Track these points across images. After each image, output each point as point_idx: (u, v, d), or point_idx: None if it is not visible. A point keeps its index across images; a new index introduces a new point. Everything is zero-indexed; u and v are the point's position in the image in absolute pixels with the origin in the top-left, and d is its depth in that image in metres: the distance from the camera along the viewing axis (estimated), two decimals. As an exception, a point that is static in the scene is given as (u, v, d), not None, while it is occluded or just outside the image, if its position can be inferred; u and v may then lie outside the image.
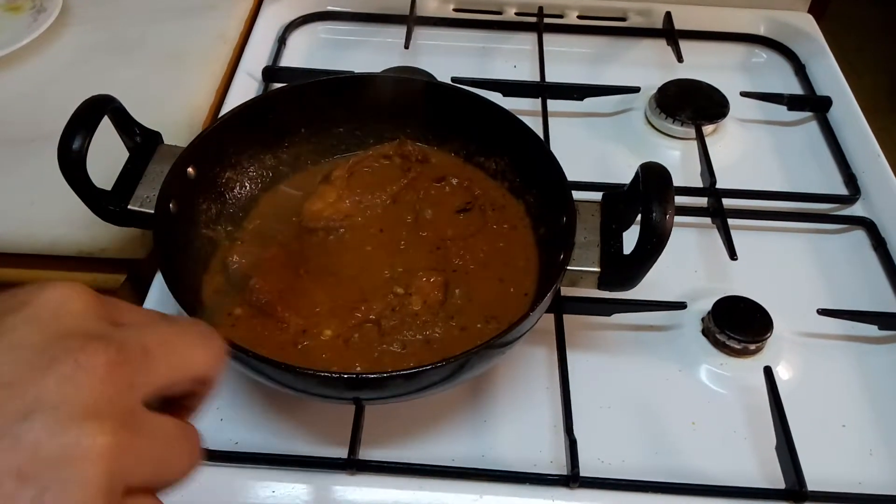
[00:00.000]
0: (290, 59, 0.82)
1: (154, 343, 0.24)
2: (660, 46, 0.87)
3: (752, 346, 0.56)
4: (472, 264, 0.56)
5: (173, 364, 0.24)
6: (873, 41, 2.24)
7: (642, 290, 0.52)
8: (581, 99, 0.77)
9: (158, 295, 0.58)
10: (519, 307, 0.52)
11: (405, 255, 0.56)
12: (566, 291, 0.56)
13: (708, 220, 0.66)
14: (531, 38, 0.86)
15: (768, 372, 0.54)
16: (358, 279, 0.54)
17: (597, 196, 0.54)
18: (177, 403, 0.26)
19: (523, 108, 0.75)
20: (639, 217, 0.47)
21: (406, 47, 0.82)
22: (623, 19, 0.90)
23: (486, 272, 0.55)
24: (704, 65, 0.82)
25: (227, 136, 0.58)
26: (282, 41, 0.83)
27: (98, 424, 0.21)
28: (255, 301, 0.52)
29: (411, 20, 0.85)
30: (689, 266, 0.63)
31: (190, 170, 0.55)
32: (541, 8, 0.89)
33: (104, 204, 0.53)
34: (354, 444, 0.49)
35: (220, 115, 0.68)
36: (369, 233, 0.58)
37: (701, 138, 0.72)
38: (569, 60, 0.84)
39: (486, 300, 0.53)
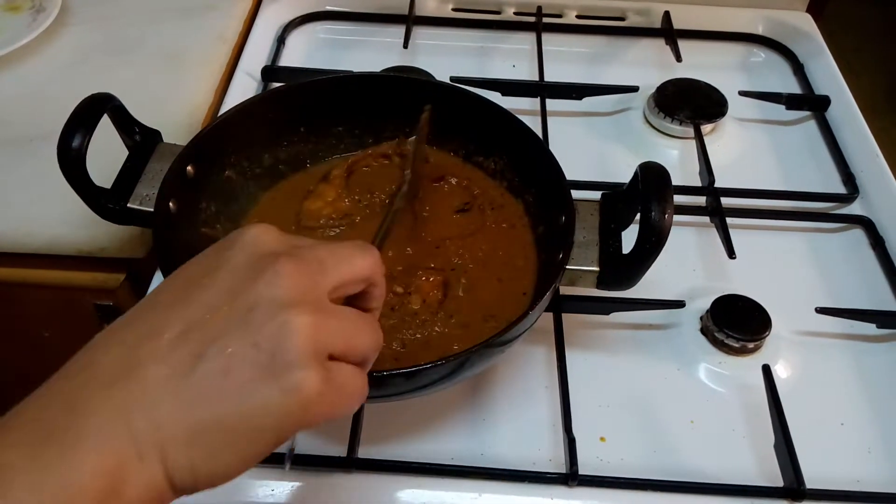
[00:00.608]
0: (289, 59, 0.83)
1: (324, 254, 0.32)
2: (658, 46, 0.87)
3: (751, 345, 0.56)
4: (471, 263, 0.56)
5: (342, 268, 0.32)
6: (871, 41, 2.25)
7: (641, 289, 0.52)
8: (580, 98, 0.77)
9: (158, 294, 0.58)
10: (518, 306, 0.52)
11: (404, 255, 0.56)
12: (565, 290, 0.56)
13: (706, 219, 0.66)
14: (530, 37, 0.86)
15: (767, 370, 0.54)
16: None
17: (596, 195, 0.54)
18: (357, 303, 0.34)
19: (522, 107, 0.75)
20: (638, 216, 0.48)
21: (405, 47, 0.82)
22: (622, 19, 0.90)
23: (486, 271, 0.55)
24: (703, 64, 0.83)
25: (227, 134, 0.58)
26: (281, 41, 0.84)
27: (298, 308, 0.29)
28: None
29: (410, 20, 0.85)
30: (687, 265, 0.64)
31: (189, 168, 0.55)
32: (539, 7, 0.89)
33: (104, 202, 0.53)
34: (354, 443, 0.49)
35: (220, 114, 0.68)
36: (369, 232, 0.58)
37: (699, 137, 0.72)
38: (567, 60, 0.84)
39: (485, 299, 0.54)
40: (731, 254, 0.61)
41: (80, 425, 0.27)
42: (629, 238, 0.49)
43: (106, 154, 0.53)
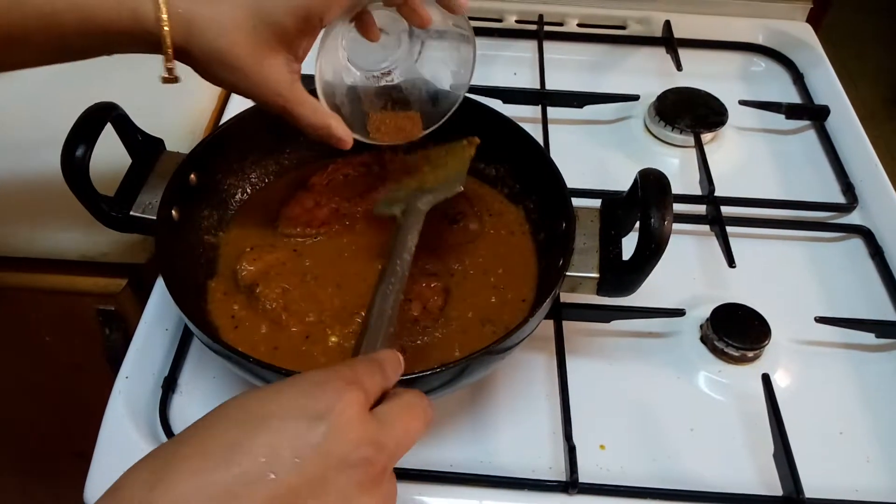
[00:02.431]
0: (291, 66, 0.83)
1: (402, 431, 0.33)
2: (659, 55, 0.87)
3: (750, 354, 0.56)
4: (471, 270, 0.56)
5: (414, 438, 0.34)
6: (870, 51, 2.26)
7: (641, 297, 0.53)
8: (581, 106, 0.77)
9: (159, 300, 0.58)
10: (517, 313, 0.53)
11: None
12: (565, 297, 0.56)
13: (706, 227, 0.66)
14: (531, 45, 0.86)
15: (766, 379, 0.54)
16: (360, 285, 0.54)
17: (596, 203, 0.54)
18: None
19: (523, 115, 0.76)
20: (638, 223, 0.48)
21: (407, 54, 0.82)
22: (622, 27, 0.91)
23: (485, 278, 0.56)
24: (703, 73, 0.83)
25: (229, 142, 0.58)
26: (283, 48, 0.84)
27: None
28: (260, 308, 0.52)
29: (412, 28, 0.85)
30: (687, 273, 0.64)
31: (192, 176, 0.55)
32: (541, 16, 0.89)
33: (107, 210, 0.53)
34: (354, 450, 0.49)
35: (222, 121, 0.68)
36: (346, 243, 0.58)
37: (700, 146, 0.72)
38: (569, 68, 0.85)
39: (485, 306, 0.54)
40: (730, 262, 0.61)
41: None
42: (629, 245, 0.49)
43: (109, 161, 0.53)
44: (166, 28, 0.42)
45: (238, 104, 0.74)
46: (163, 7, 0.42)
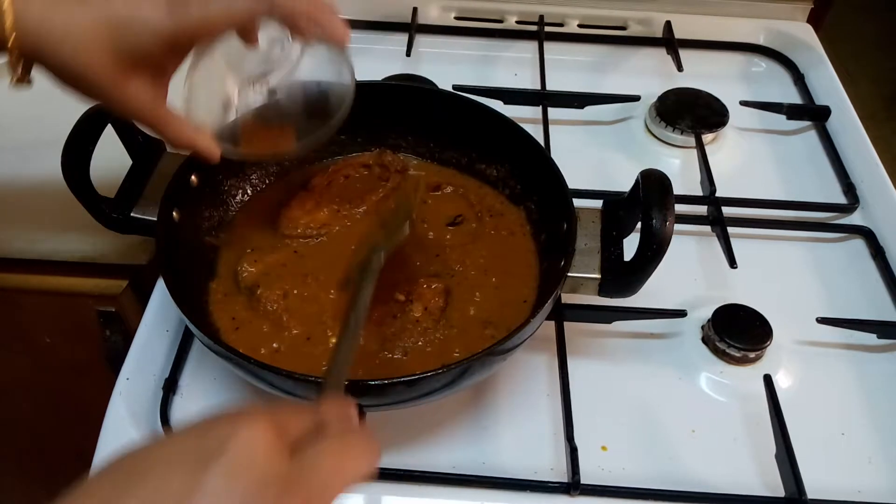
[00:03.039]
0: (292, 67, 0.83)
1: (329, 472, 0.28)
2: (660, 55, 0.87)
3: (752, 355, 0.56)
4: (473, 270, 0.56)
5: (346, 483, 0.28)
6: (870, 51, 2.26)
7: (642, 298, 0.52)
8: (581, 107, 0.77)
9: (160, 301, 0.58)
10: (518, 314, 0.53)
11: (406, 262, 0.56)
12: (567, 298, 0.56)
13: (708, 228, 0.66)
14: (532, 46, 0.86)
15: (768, 380, 0.54)
16: None
17: (597, 203, 0.54)
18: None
19: (524, 115, 0.76)
20: (639, 224, 0.48)
21: (408, 55, 0.82)
22: (623, 28, 0.91)
23: (486, 279, 0.55)
24: (704, 74, 0.83)
25: (230, 143, 0.58)
26: (284, 49, 0.84)
27: None
28: (261, 310, 0.52)
29: (413, 28, 0.86)
30: (689, 274, 0.64)
31: (193, 177, 0.55)
32: (541, 17, 0.89)
33: (107, 211, 0.53)
34: (355, 451, 0.49)
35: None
36: (346, 243, 0.58)
37: (701, 147, 0.72)
38: (569, 69, 0.85)
39: (486, 307, 0.54)
40: (732, 263, 0.61)
41: None
42: (631, 246, 0.49)
43: (110, 163, 0.53)
44: (13, 35, 0.39)
45: (239, 105, 0.74)
46: (8, 12, 0.38)
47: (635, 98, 0.78)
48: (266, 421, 0.27)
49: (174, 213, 0.53)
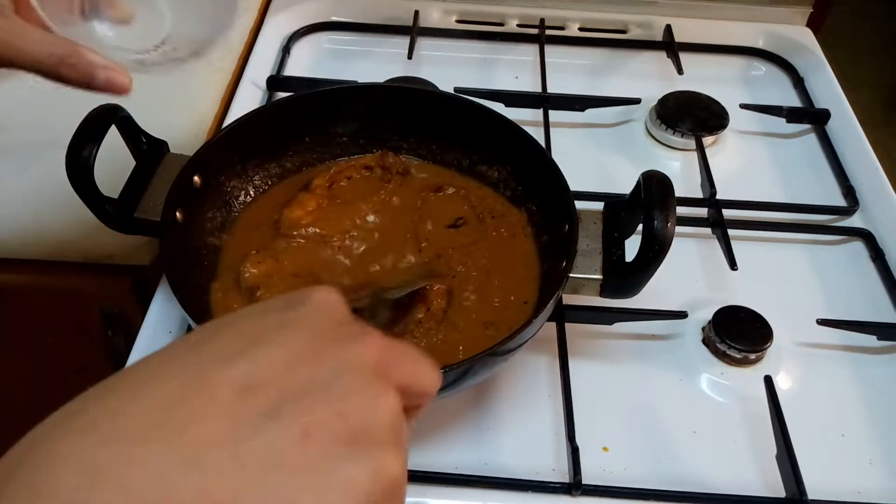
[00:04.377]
0: (294, 69, 0.83)
1: (404, 349, 0.28)
2: (660, 58, 0.87)
3: (753, 356, 0.56)
4: (474, 272, 0.56)
5: (414, 371, 0.28)
6: (870, 54, 2.26)
7: (643, 300, 0.53)
8: (582, 110, 0.77)
9: (163, 302, 0.59)
10: (519, 315, 0.53)
11: (407, 263, 0.56)
12: (568, 299, 0.56)
13: (708, 230, 0.67)
14: (533, 49, 0.87)
15: (768, 381, 0.54)
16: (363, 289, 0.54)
17: (598, 205, 0.54)
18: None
19: (525, 118, 0.76)
20: (640, 226, 0.48)
21: (409, 58, 0.83)
22: (624, 31, 0.91)
23: (487, 280, 0.56)
24: (704, 77, 0.83)
25: (233, 144, 0.58)
26: (286, 51, 0.84)
27: (388, 387, 0.26)
28: None
29: (414, 31, 0.86)
30: (689, 276, 0.64)
31: (196, 178, 0.55)
32: (542, 20, 0.90)
33: (111, 212, 0.53)
34: (357, 451, 0.49)
35: (226, 124, 0.68)
36: (371, 243, 0.58)
37: (701, 149, 0.73)
38: (570, 72, 0.85)
39: (487, 308, 0.54)
40: (732, 265, 0.61)
41: (101, 498, 0.20)
42: (632, 248, 0.49)
43: (113, 163, 0.53)
44: None
45: (242, 106, 0.75)
46: None
47: (636, 101, 0.78)
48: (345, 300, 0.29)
49: (177, 214, 0.53)
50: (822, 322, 0.59)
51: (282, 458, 0.22)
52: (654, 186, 0.48)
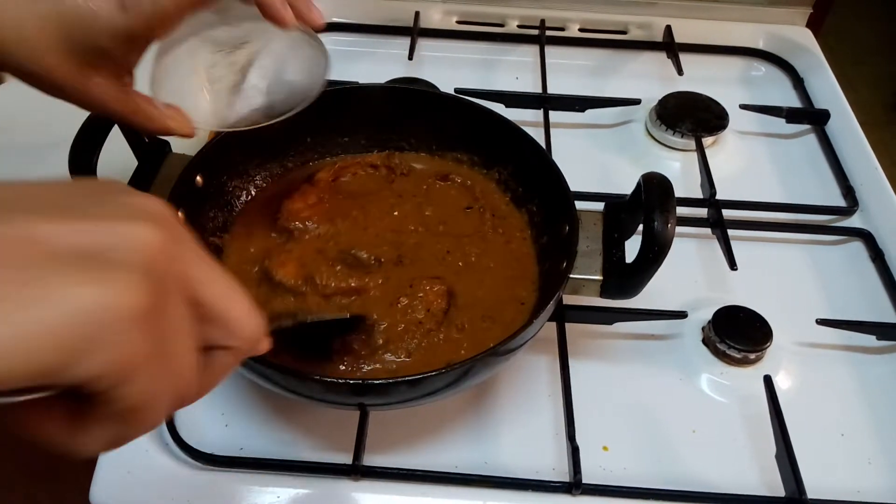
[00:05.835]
0: (295, 70, 0.83)
1: (210, 263, 0.25)
2: (660, 59, 0.88)
3: (752, 356, 0.56)
4: (473, 272, 0.56)
5: (216, 289, 0.25)
6: (870, 55, 2.27)
7: (643, 300, 0.53)
8: (582, 110, 0.78)
9: (164, 301, 0.59)
10: (517, 315, 0.53)
11: (407, 263, 0.57)
12: (568, 300, 0.56)
13: (708, 230, 0.67)
14: (533, 50, 0.87)
15: (768, 381, 0.54)
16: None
17: (598, 206, 0.55)
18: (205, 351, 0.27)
19: (525, 119, 0.76)
20: (640, 226, 0.48)
21: (410, 59, 0.83)
22: (624, 32, 0.91)
23: (487, 281, 0.56)
24: (704, 78, 0.84)
25: (235, 144, 0.58)
26: (287, 52, 0.84)
27: (156, 229, 0.23)
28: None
29: (415, 32, 0.86)
30: (689, 276, 0.64)
31: (198, 178, 0.56)
32: (543, 21, 0.90)
33: (113, 211, 0.53)
34: (359, 451, 0.49)
35: (227, 124, 0.68)
36: (371, 238, 0.58)
37: (701, 150, 0.73)
38: (570, 72, 0.85)
39: (487, 307, 0.54)
40: (732, 265, 0.61)
41: None
42: (632, 249, 0.50)
43: (115, 163, 0.53)
44: None
45: (242, 107, 0.75)
46: None
47: (636, 101, 0.78)
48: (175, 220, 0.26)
49: (179, 214, 0.53)
50: (822, 322, 0.59)
51: None
52: (655, 188, 0.48)
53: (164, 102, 0.46)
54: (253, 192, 0.61)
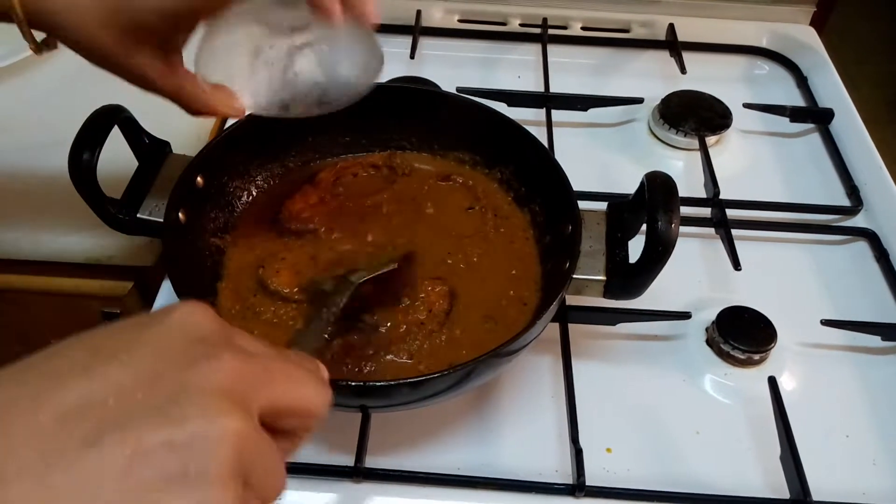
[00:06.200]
0: (296, 69, 0.83)
1: (275, 367, 0.26)
2: (663, 58, 0.87)
3: (756, 357, 0.56)
4: (475, 272, 0.56)
5: (290, 390, 0.27)
6: (873, 54, 2.26)
7: (647, 300, 0.52)
8: (585, 109, 0.77)
9: (165, 302, 0.59)
10: (520, 315, 0.53)
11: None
12: (571, 300, 0.56)
13: (712, 230, 0.66)
14: (535, 48, 0.87)
15: (772, 382, 0.54)
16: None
17: (601, 206, 0.54)
18: (280, 435, 0.28)
19: (528, 118, 0.76)
20: (644, 226, 0.48)
21: (412, 57, 0.82)
22: (626, 31, 0.91)
23: (489, 282, 0.55)
24: (707, 76, 0.83)
25: (235, 145, 0.58)
26: (288, 51, 0.84)
27: (233, 413, 0.24)
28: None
29: (417, 31, 0.86)
30: (693, 276, 0.64)
31: (199, 179, 0.55)
32: (545, 19, 0.89)
33: (114, 213, 0.53)
34: (361, 452, 0.49)
35: (228, 124, 0.68)
36: (375, 238, 0.58)
37: (704, 149, 0.72)
38: (573, 71, 0.85)
39: (489, 308, 0.54)
40: (736, 265, 0.61)
41: None
42: (635, 248, 0.49)
43: (116, 164, 0.53)
44: (18, 5, 0.40)
45: (243, 107, 0.75)
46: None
47: (639, 100, 0.78)
48: (209, 308, 0.27)
49: (180, 215, 0.53)
50: (826, 322, 0.58)
51: (98, 492, 0.21)
52: (659, 188, 0.48)
53: (211, 83, 0.46)
54: (254, 193, 0.61)
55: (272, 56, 0.49)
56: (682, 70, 0.82)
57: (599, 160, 0.75)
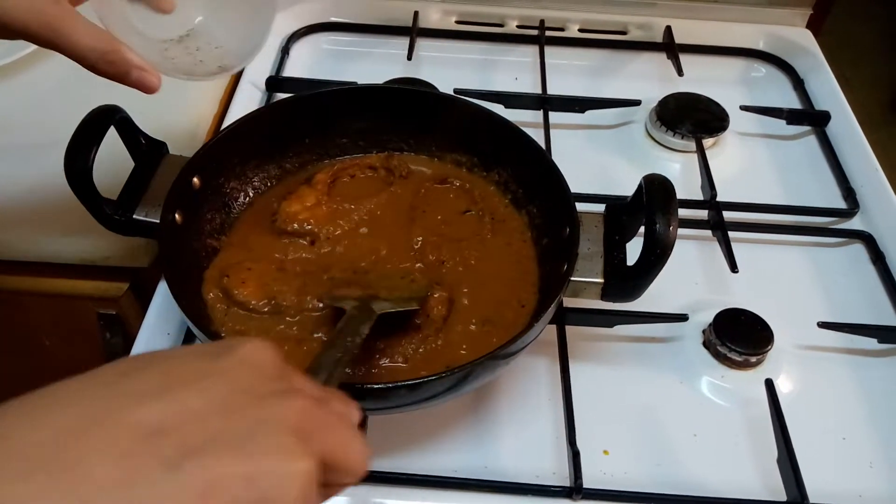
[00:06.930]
0: (293, 70, 0.83)
1: (332, 417, 0.27)
2: (660, 60, 0.87)
3: (753, 359, 0.56)
4: (474, 276, 0.56)
5: (339, 446, 0.27)
6: (870, 56, 2.27)
7: (644, 302, 0.52)
8: (582, 111, 0.77)
9: (161, 303, 0.58)
10: (517, 318, 0.53)
11: (406, 268, 0.56)
12: (568, 302, 0.56)
13: (709, 232, 0.67)
14: (533, 50, 0.87)
15: (769, 384, 0.54)
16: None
17: (598, 208, 0.54)
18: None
19: (525, 120, 0.76)
20: (642, 229, 0.48)
21: (409, 59, 0.82)
22: (624, 33, 0.91)
23: (486, 284, 0.55)
24: (704, 78, 0.83)
25: (232, 146, 0.58)
26: (285, 51, 0.84)
27: (304, 452, 0.25)
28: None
29: (414, 32, 0.86)
30: (690, 278, 0.64)
31: (195, 180, 0.55)
32: (542, 21, 0.89)
33: (109, 213, 0.53)
34: (358, 455, 0.49)
35: (225, 125, 0.68)
36: (372, 242, 0.58)
37: (701, 151, 0.72)
38: (570, 73, 0.85)
39: (486, 310, 0.54)
40: (733, 268, 0.61)
41: None
42: (633, 251, 0.49)
43: (112, 165, 0.53)
44: None
45: (241, 107, 0.74)
46: None
47: (636, 102, 0.78)
48: (273, 345, 0.28)
49: (176, 216, 0.53)
50: (823, 325, 0.58)
51: None
52: (656, 190, 0.48)
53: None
54: (251, 194, 0.61)
55: (161, 27, 0.51)
56: (679, 72, 0.83)
57: (597, 162, 0.75)
